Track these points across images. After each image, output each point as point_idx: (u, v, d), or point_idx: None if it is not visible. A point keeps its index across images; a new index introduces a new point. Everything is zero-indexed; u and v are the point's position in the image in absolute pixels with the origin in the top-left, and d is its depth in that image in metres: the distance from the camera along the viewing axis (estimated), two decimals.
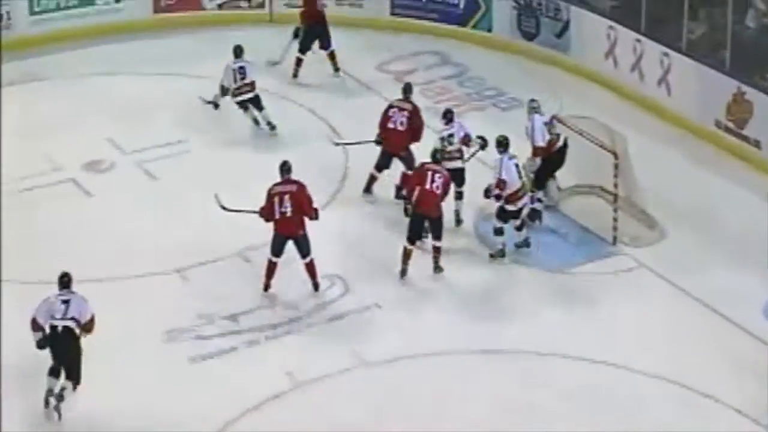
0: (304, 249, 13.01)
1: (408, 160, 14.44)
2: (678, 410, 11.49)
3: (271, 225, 12.92)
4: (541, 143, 14.15)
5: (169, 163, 15.31)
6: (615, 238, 13.95)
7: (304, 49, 17.40)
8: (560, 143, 14.27)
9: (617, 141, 14.13)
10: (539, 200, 14.26)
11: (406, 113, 14.49)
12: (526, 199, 13.68)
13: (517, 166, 13.56)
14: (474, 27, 18.69)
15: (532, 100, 14.56)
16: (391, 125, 14.50)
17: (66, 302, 11.37)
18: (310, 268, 13.08)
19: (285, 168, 13.08)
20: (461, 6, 18.74)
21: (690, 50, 16.48)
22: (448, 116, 14.31)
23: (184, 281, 13.31)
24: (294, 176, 13.01)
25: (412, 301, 13.13)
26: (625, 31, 17.10)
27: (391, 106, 14.65)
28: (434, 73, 17.84)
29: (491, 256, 13.71)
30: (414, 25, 19.02)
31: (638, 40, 16.92)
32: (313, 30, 17.35)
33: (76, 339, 11.31)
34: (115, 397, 11.48)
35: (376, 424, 11.34)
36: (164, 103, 16.68)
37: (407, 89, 14.84)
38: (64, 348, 11.30)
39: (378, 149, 14.53)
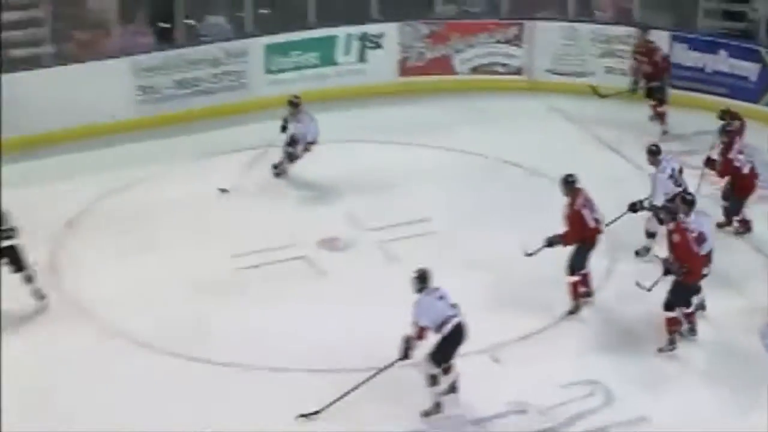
0: None
1: None
2: None
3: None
4: None
5: (412, 243, 15.53)
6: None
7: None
8: None
9: None
10: None
11: None
12: None
13: None
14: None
15: None
16: None
17: (442, 297, 12.47)
18: None
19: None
20: (753, 79, 18.61)
21: None
22: None
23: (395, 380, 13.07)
24: None
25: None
26: None
27: None
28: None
29: None
30: (697, 100, 18.98)
31: None
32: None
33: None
34: None
35: None
36: (408, 176, 17.03)
37: None
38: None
39: None
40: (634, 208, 14.96)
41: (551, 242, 14.06)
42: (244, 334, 13.86)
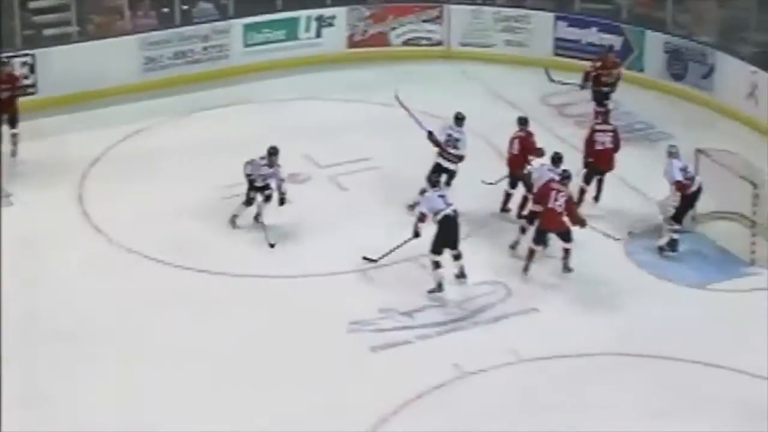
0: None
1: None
2: None
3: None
4: (679, 178, 13.73)
5: (357, 177, 15.35)
6: (753, 260, 13.52)
7: None
8: (694, 188, 13.77)
9: (756, 173, 13.73)
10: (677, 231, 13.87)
11: None
12: None
13: None
14: (628, 67, 18.34)
15: (671, 146, 14.12)
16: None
17: (442, 196, 12.79)
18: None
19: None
20: (617, 48, 18.39)
21: None
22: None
23: (368, 281, 13.32)
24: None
25: (562, 305, 12.90)
26: (766, 75, 16.56)
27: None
28: (590, 107, 17.48)
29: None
30: (574, 65, 18.75)
31: None
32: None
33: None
34: (298, 381, 11.54)
35: (527, 415, 11.16)
36: (354, 125, 16.76)
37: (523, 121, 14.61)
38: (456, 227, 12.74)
39: None
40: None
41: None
42: (234, 248, 13.77)
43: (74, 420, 10.89)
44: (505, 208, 14.54)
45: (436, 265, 12.89)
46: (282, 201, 13.97)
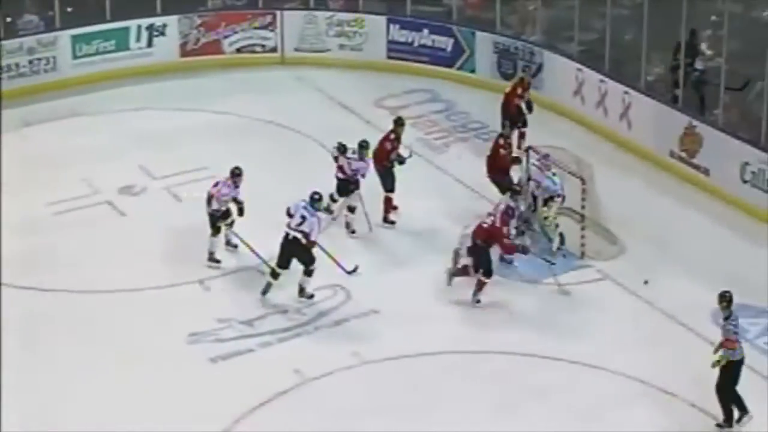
0: None
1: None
2: (642, 407, 11.43)
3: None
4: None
5: (193, 187, 15.12)
6: (583, 253, 13.92)
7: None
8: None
9: (584, 168, 14.15)
10: None
11: None
12: None
13: None
14: (460, 68, 18.68)
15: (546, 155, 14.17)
16: None
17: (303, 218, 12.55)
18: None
19: None
20: (448, 50, 18.74)
21: (648, 89, 16.51)
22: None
23: (205, 291, 13.25)
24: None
25: (408, 308, 13.03)
26: (591, 72, 17.11)
27: None
28: (425, 109, 17.82)
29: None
30: (407, 67, 19.02)
31: (602, 81, 16.92)
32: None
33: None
34: (137, 393, 11.40)
35: (373, 416, 11.25)
36: (189, 135, 16.59)
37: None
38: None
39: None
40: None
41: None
42: (67, 263, 13.56)
43: None
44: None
45: (272, 275, 12.95)
46: (241, 211, 13.60)
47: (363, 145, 14.27)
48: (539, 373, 11.92)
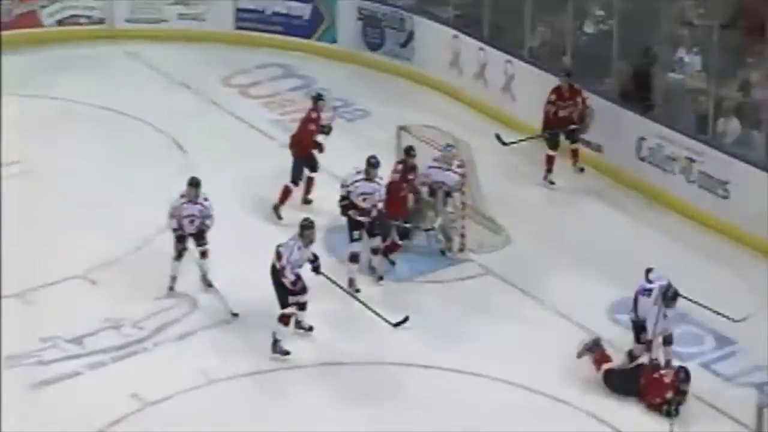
0: None
1: None
2: (527, 414, 11.57)
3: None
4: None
5: (5, 185, 14.87)
6: (462, 246, 14.03)
7: None
8: None
9: (462, 149, 14.20)
10: None
11: None
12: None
13: None
14: (319, 39, 18.74)
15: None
16: None
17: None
18: None
19: None
20: (305, 18, 18.78)
21: (532, 57, 16.76)
22: None
23: (25, 305, 13.05)
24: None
25: (255, 316, 12.95)
26: (469, 39, 17.31)
27: None
28: (279, 86, 17.83)
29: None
30: (258, 39, 19.00)
31: (481, 49, 17.14)
32: None
33: None
34: None
35: None
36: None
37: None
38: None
39: None
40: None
41: None
42: None
43: None
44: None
45: None
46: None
47: (373, 163, 13.23)
48: (413, 384, 11.95)
